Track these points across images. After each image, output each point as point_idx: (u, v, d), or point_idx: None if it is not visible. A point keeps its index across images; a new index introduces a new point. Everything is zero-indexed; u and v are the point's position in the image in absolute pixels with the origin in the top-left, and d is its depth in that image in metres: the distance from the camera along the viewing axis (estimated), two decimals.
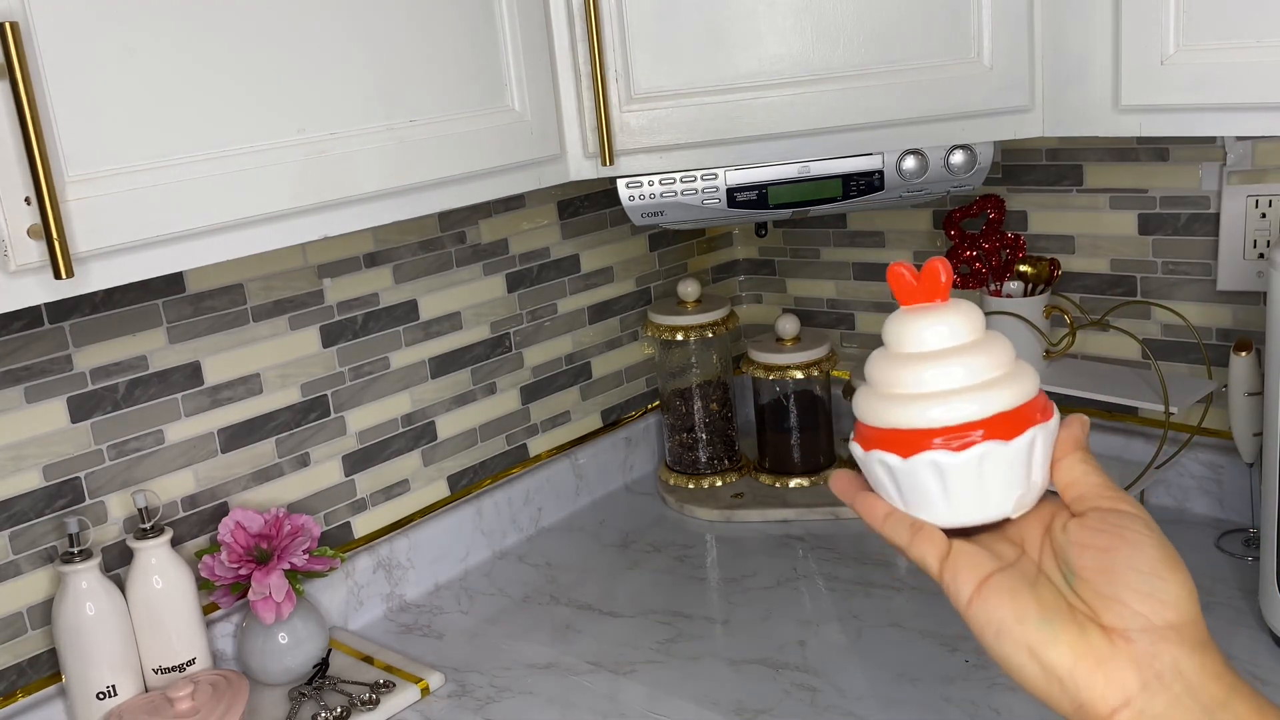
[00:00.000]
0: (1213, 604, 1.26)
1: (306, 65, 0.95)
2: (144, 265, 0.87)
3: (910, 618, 1.31)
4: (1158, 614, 0.55)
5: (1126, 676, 0.54)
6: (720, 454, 1.71)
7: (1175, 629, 0.55)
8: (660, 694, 1.21)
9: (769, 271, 1.89)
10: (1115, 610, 0.55)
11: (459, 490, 1.55)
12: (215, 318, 1.27)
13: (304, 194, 0.95)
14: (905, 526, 0.61)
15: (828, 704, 1.16)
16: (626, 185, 1.24)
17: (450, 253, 1.50)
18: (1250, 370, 1.30)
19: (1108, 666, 0.54)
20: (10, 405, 1.12)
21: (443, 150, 1.05)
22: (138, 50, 0.84)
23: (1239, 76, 1.01)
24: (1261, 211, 1.38)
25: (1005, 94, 1.16)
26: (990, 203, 1.54)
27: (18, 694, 1.15)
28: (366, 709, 1.20)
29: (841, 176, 1.25)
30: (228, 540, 1.22)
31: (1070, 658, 0.55)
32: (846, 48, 1.16)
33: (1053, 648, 0.55)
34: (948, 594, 0.59)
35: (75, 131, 0.81)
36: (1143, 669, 0.54)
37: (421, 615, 1.43)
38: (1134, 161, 1.47)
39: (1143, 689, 0.54)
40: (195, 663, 1.21)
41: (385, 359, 1.44)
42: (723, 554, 1.52)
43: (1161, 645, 0.54)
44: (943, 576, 0.60)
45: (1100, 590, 0.56)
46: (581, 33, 1.15)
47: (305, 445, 1.37)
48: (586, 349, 1.70)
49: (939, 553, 0.60)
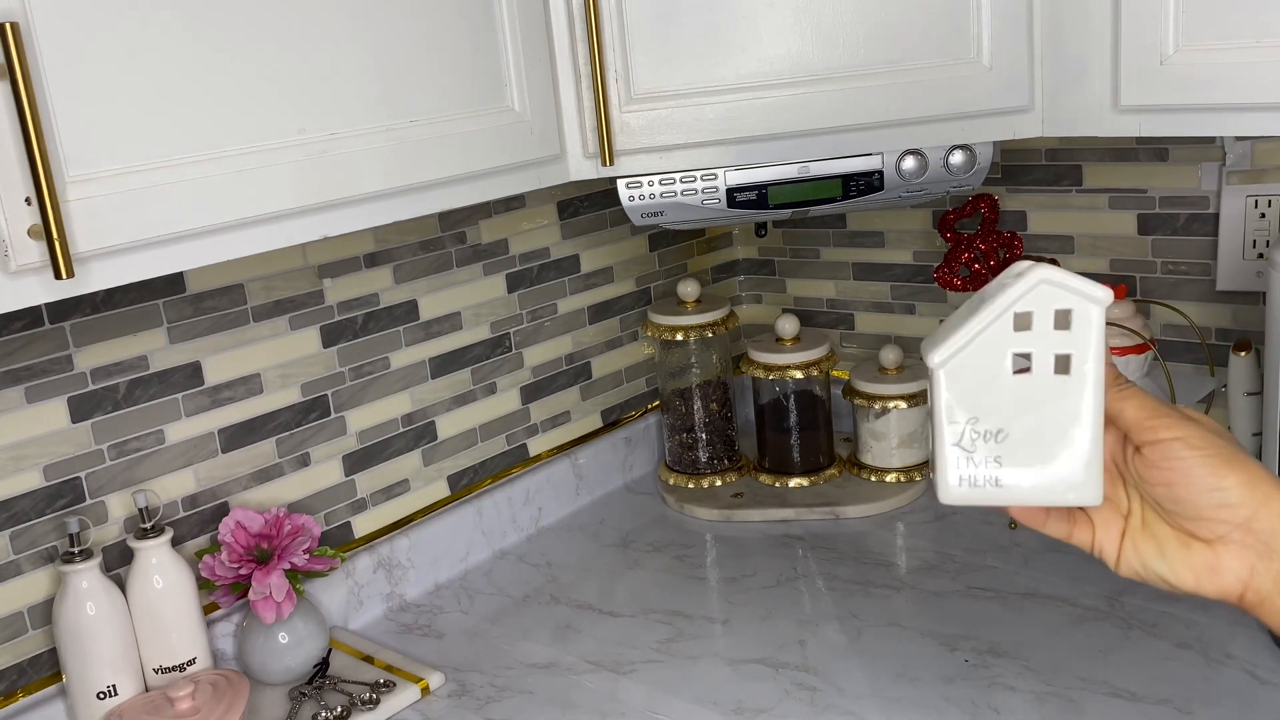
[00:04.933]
0: (1213, 604, 1.26)
1: (307, 65, 0.95)
2: (144, 265, 0.87)
3: (910, 617, 1.31)
4: (1234, 515, 0.64)
5: (1238, 566, 0.65)
6: (720, 454, 1.71)
7: (1255, 511, 0.64)
8: (660, 694, 1.21)
9: (769, 271, 1.89)
10: (1202, 527, 0.66)
11: (459, 490, 1.55)
12: (215, 318, 1.27)
13: (304, 194, 0.95)
14: (1063, 521, 0.71)
15: (828, 704, 1.16)
16: (626, 185, 1.24)
17: (450, 253, 1.50)
18: (1250, 370, 1.30)
19: (1220, 568, 0.66)
20: (10, 405, 1.13)
21: (443, 150, 1.05)
22: (138, 50, 0.84)
23: (1239, 76, 1.01)
24: (1261, 211, 1.38)
25: (1005, 94, 1.16)
26: (984, 202, 1.54)
27: (18, 694, 1.15)
28: (367, 709, 1.21)
29: (841, 176, 1.25)
30: (228, 540, 1.22)
31: (1191, 577, 0.66)
32: (846, 48, 1.16)
33: (1175, 576, 0.67)
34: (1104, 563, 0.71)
35: (75, 131, 0.81)
36: (1248, 554, 0.65)
37: (421, 615, 1.43)
38: (1133, 161, 1.47)
39: (1255, 567, 0.65)
40: (195, 662, 1.21)
41: (385, 359, 1.44)
42: (722, 554, 1.52)
43: (1253, 529, 0.64)
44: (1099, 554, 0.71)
45: (1182, 516, 0.66)
46: (581, 33, 1.15)
47: (305, 445, 1.37)
48: (586, 349, 1.70)
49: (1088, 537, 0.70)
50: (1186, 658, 1.18)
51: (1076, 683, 1.15)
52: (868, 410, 1.64)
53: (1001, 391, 0.67)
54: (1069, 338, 0.66)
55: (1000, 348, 0.67)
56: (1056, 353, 0.66)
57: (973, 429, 0.68)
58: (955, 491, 0.69)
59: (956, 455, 0.69)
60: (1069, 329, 0.66)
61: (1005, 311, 0.67)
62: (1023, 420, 0.67)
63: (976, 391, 0.68)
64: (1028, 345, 0.67)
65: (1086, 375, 0.66)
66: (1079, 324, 0.66)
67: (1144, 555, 0.68)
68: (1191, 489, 0.65)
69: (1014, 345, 0.67)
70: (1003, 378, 0.67)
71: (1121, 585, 1.32)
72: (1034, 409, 0.67)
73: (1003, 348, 0.67)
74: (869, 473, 1.65)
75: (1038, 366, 0.67)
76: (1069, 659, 1.19)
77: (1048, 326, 0.66)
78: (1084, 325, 0.66)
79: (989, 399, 0.68)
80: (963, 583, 1.37)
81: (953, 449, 0.69)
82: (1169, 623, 1.24)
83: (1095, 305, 0.65)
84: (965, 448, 0.68)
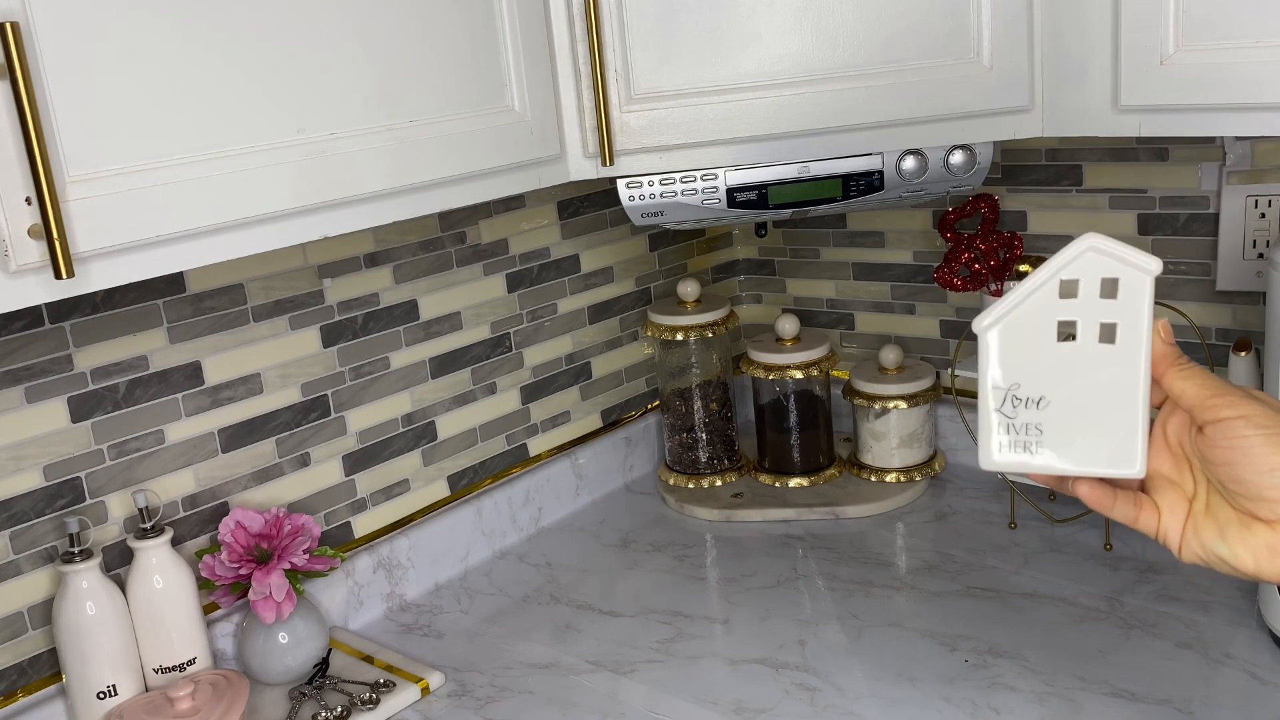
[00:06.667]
0: (1213, 604, 1.27)
1: (307, 65, 0.95)
2: (144, 265, 0.87)
3: (910, 618, 1.31)
4: None
5: None
6: (720, 454, 1.71)
7: None
8: (660, 693, 1.21)
9: (769, 271, 1.89)
10: (1264, 508, 0.65)
11: (459, 490, 1.55)
12: (215, 318, 1.27)
13: (304, 194, 0.95)
14: (1130, 505, 0.70)
15: (827, 704, 1.16)
16: (626, 185, 1.24)
17: (450, 253, 1.50)
18: (1250, 370, 1.30)
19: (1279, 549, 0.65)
20: (10, 405, 1.13)
21: (443, 150, 1.05)
22: (138, 50, 0.84)
23: (1239, 76, 1.01)
24: (1261, 211, 1.38)
25: (1005, 94, 1.16)
26: (984, 202, 1.54)
27: (18, 694, 1.15)
28: (367, 708, 1.21)
29: (841, 176, 1.25)
30: (228, 540, 1.22)
31: (1251, 558, 0.66)
32: (846, 48, 1.16)
33: (1235, 558, 0.66)
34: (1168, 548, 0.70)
35: (76, 131, 0.81)
36: None
37: (421, 615, 1.43)
38: (1133, 161, 1.47)
39: None
40: (195, 662, 1.21)
41: (385, 359, 1.44)
42: (723, 554, 1.52)
43: None
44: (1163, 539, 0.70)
45: (1244, 496, 0.65)
46: (581, 33, 1.15)
47: (305, 445, 1.37)
48: (586, 349, 1.70)
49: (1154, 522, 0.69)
50: (1186, 658, 1.18)
51: (1076, 683, 1.15)
52: (868, 410, 1.64)
53: (1045, 359, 0.67)
54: (1115, 307, 0.65)
55: (1045, 314, 0.67)
56: (1102, 321, 0.66)
57: (1015, 395, 0.68)
58: (996, 458, 0.69)
59: (998, 421, 0.68)
60: (1115, 298, 0.65)
61: (1051, 278, 0.66)
62: (1065, 389, 0.67)
63: (1019, 358, 0.67)
64: (1073, 313, 0.66)
65: (1132, 345, 0.65)
66: (1126, 293, 0.65)
67: (1205, 538, 0.67)
68: (1252, 468, 0.64)
69: (1059, 313, 0.66)
70: (1046, 345, 0.67)
71: (1121, 585, 1.32)
72: (1077, 378, 0.67)
73: (1047, 314, 0.67)
74: (869, 473, 1.65)
75: (1082, 335, 0.66)
76: (1069, 659, 1.19)
77: (1094, 295, 0.66)
78: (1131, 295, 0.65)
79: (1032, 366, 0.67)
80: (963, 583, 1.37)
81: (995, 414, 0.68)
82: (1169, 623, 1.24)
83: (1145, 275, 0.65)
84: (1007, 414, 0.68)
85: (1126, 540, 1.42)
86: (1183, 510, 0.69)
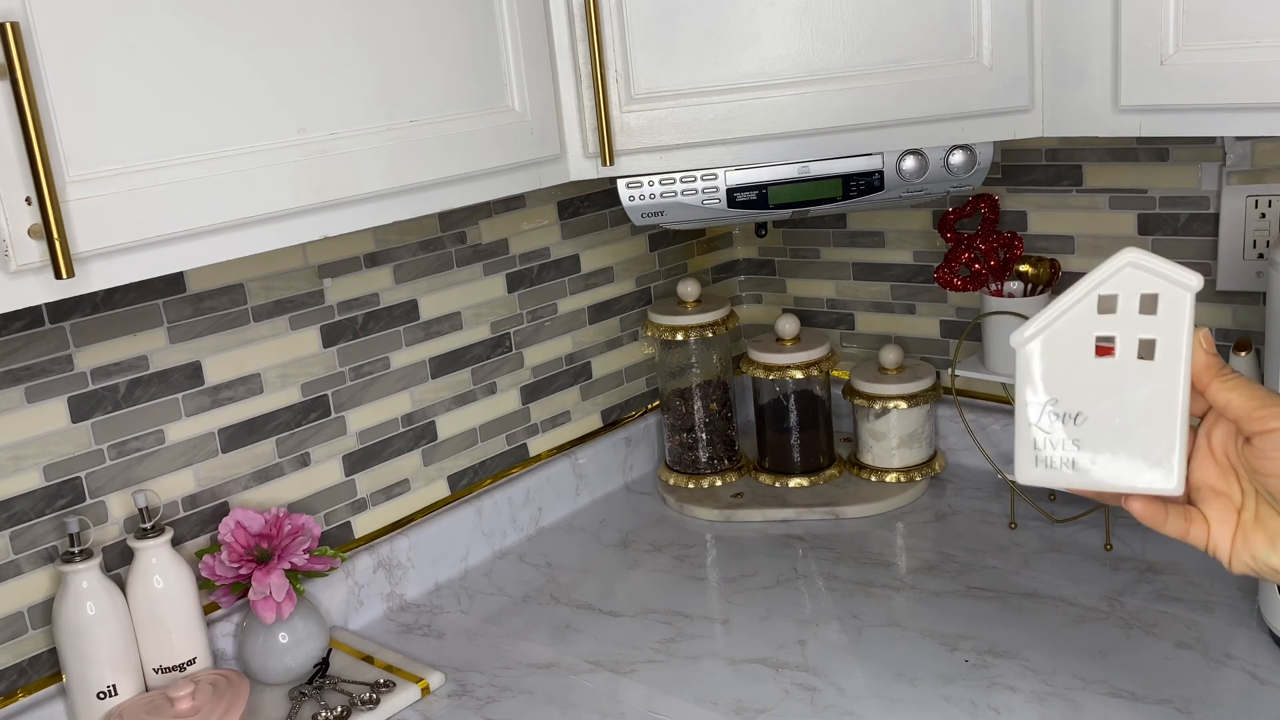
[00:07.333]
0: (1213, 604, 1.27)
1: (307, 65, 0.95)
2: (144, 265, 0.87)
3: (910, 618, 1.31)
4: None
5: None
6: (720, 454, 1.71)
7: None
8: (660, 694, 1.21)
9: (769, 271, 1.89)
10: None
11: (459, 490, 1.55)
12: (215, 318, 1.27)
13: (304, 194, 0.95)
14: (1181, 519, 0.69)
15: (828, 704, 1.16)
16: (627, 185, 1.24)
17: (450, 253, 1.50)
18: (1250, 370, 1.30)
19: None
20: (10, 405, 1.13)
21: (443, 150, 1.05)
22: (138, 50, 0.84)
23: (1239, 76, 1.01)
24: (1261, 211, 1.38)
25: (1005, 94, 1.16)
26: (984, 202, 1.54)
27: (18, 694, 1.15)
28: (367, 708, 1.21)
29: (841, 176, 1.25)
30: (228, 540, 1.22)
31: None
32: (846, 48, 1.16)
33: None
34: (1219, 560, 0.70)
35: (76, 131, 0.82)
36: None
37: (421, 615, 1.43)
38: (1133, 161, 1.47)
39: None
40: (195, 662, 1.21)
41: (385, 359, 1.44)
42: (723, 554, 1.52)
43: None
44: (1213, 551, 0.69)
45: None
46: (582, 33, 1.15)
47: (305, 445, 1.37)
48: (586, 349, 1.70)
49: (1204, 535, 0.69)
50: (1186, 658, 1.18)
51: (1076, 683, 1.15)
52: (868, 410, 1.64)
53: (1082, 374, 0.67)
54: (1154, 323, 0.65)
55: (1083, 329, 0.67)
56: (1141, 337, 0.66)
57: (1052, 410, 0.68)
58: (1032, 472, 0.69)
59: (1035, 436, 0.68)
60: (1155, 314, 0.65)
61: (1090, 293, 0.66)
62: (1103, 404, 0.67)
63: (1057, 372, 0.67)
64: (1111, 328, 0.66)
65: (1172, 362, 0.65)
66: (1166, 309, 0.65)
67: (1255, 548, 0.67)
68: None
69: (1097, 328, 0.66)
70: (1084, 360, 0.67)
71: (1122, 585, 1.32)
72: (1115, 393, 0.66)
73: (1086, 329, 0.67)
74: (869, 473, 1.65)
75: (1121, 350, 0.66)
76: (1069, 659, 1.19)
77: (1133, 310, 0.65)
78: (1171, 311, 0.65)
79: (1069, 380, 0.67)
80: (963, 583, 1.37)
81: (1032, 429, 0.68)
82: (1169, 623, 1.24)
83: (1185, 291, 0.65)
84: (1044, 428, 0.68)
85: (1126, 540, 1.42)
86: (1231, 521, 0.68)
